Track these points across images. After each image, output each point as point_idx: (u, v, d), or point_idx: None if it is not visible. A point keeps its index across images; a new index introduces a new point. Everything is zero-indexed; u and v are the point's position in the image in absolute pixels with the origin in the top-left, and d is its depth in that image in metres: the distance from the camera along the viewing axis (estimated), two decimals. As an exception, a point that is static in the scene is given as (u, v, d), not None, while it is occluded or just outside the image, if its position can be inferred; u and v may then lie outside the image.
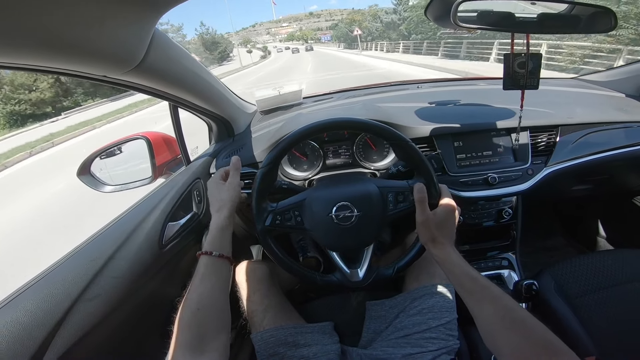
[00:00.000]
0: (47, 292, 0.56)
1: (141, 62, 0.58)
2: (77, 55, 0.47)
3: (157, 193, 0.89)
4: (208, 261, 0.61)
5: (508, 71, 0.72)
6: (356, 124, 0.71)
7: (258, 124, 1.27)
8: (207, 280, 0.59)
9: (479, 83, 1.40)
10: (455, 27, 0.68)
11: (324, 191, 0.74)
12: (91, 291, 0.61)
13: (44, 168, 7.50)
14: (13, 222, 4.49)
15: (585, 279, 0.88)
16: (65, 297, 0.57)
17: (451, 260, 0.61)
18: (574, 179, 1.10)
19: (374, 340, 0.77)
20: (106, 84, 0.61)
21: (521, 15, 0.65)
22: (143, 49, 0.57)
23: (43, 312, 0.54)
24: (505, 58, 0.72)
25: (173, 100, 0.86)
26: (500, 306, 0.52)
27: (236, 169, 0.74)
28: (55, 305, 0.56)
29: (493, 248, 1.12)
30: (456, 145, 1.00)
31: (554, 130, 0.99)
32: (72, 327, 0.56)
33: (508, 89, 0.75)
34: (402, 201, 0.71)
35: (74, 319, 0.57)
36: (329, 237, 0.71)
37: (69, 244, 0.70)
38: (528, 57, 0.69)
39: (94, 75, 0.55)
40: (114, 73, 0.57)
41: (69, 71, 0.50)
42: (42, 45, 0.41)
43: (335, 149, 1.07)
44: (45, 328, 0.53)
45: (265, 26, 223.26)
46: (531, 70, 0.71)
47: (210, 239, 0.64)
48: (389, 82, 1.64)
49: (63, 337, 0.55)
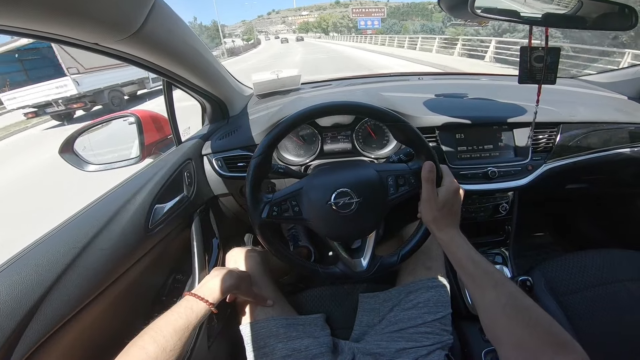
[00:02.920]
0: (18, 279, 0.52)
1: (138, 31, 0.53)
2: (70, 18, 0.42)
3: (144, 173, 0.84)
4: (198, 305, 0.62)
5: (525, 65, 0.70)
6: (354, 107, 0.67)
7: (254, 107, 1.23)
8: (184, 322, 0.59)
9: (482, 78, 1.39)
10: (471, 18, 0.65)
11: (322, 178, 0.71)
12: (68, 278, 0.57)
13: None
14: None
15: (574, 277, 0.89)
16: (38, 284, 0.53)
17: (454, 242, 0.59)
18: (571, 177, 1.11)
19: (367, 333, 0.76)
20: (98, 53, 0.56)
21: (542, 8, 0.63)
22: (142, 16, 0.52)
23: (13, 301, 0.49)
24: (522, 51, 0.70)
25: (168, 76, 0.81)
26: (504, 293, 0.49)
27: (248, 284, 0.76)
28: (27, 293, 0.51)
29: (487, 243, 1.12)
30: (458, 137, 0.99)
31: (556, 128, 0.99)
32: (46, 317, 0.52)
33: (524, 82, 0.73)
34: (403, 184, 0.68)
35: (48, 308, 0.53)
36: (329, 226, 0.67)
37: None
38: (547, 51, 0.67)
39: (84, 43, 0.50)
40: (106, 41, 0.52)
41: (59, 37, 0.46)
42: (32, 5, 0.36)
43: (335, 135, 1.04)
44: (16, 318, 0.48)
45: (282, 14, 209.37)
46: (549, 64, 0.68)
47: (210, 288, 0.67)
48: (389, 73, 1.61)
49: (36, 328, 0.51)
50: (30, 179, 4.99)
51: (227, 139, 1.03)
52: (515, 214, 1.08)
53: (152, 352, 0.52)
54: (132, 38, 0.54)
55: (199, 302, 0.62)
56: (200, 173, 1.02)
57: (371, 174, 0.68)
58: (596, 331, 0.79)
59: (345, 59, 16.59)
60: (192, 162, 0.97)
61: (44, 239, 0.61)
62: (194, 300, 0.62)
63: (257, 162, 0.65)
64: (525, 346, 0.44)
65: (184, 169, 0.92)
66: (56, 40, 0.47)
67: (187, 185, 0.93)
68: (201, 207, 1.02)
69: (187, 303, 0.61)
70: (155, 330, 0.55)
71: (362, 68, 11.78)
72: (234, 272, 0.72)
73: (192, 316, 0.60)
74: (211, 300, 0.63)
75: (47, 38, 0.45)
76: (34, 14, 0.38)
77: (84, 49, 0.53)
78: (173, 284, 0.92)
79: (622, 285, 0.86)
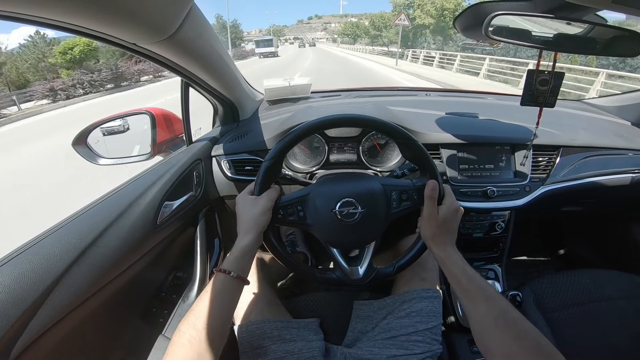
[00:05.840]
0: (28, 268, 0.52)
1: (174, 34, 0.56)
2: (115, 17, 0.44)
3: (156, 170, 0.86)
4: (225, 280, 0.58)
5: (529, 87, 0.72)
6: (368, 121, 0.70)
7: (264, 112, 1.25)
8: (220, 300, 0.57)
9: (488, 97, 1.41)
10: (484, 39, 0.68)
11: (329, 187, 0.73)
12: (76, 269, 0.57)
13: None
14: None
15: (562, 294, 0.91)
16: (47, 273, 0.53)
17: (451, 258, 0.61)
18: (567, 200, 1.13)
19: (359, 339, 0.77)
20: (133, 53, 0.59)
21: (554, 33, 0.65)
22: (179, 19, 0.55)
23: (21, 290, 0.49)
24: (529, 74, 0.72)
25: (189, 78, 0.84)
26: (494, 306, 0.53)
27: (271, 198, 0.68)
28: (36, 283, 0.51)
29: (480, 259, 1.14)
30: (461, 155, 1.01)
31: (556, 151, 1.02)
32: (52, 307, 0.53)
33: (526, 104, 0.75)
34: (406, 200, 0.70)
35: (56, 298, 0.53)
36: (331, 233, 0.69)
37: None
38: (552, 76, 0.70)
39: (124, 42, 0.53)
40: (144, 42, 0.55)
41: (101, 34, 0.48)
42: (82, 3, 0.38)
43: (341, 145, 1.06)
44: (22, 306, 0.49)
45: (325, 20, 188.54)
46: (552, 88, 0.71)
47: (232, 259, 0.61)
48: (397, 87, 1.64)
49: (41, 317, 0.51)
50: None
51: (237, 142, 1.05)
52: (510, 232, 1.10)
53: (189, 336, 0.51)
54: (167, 40, 0.56)
55: (225, 276, 0.59)
56: (208, 174, 1.04)
57: (376, 187, 0.71)
58: (582, 346, 0.81)
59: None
60: (201, 162, 0.99)
61: (56, 228, 0.61)
62: (220, 276, 0.59)
63: (268, 165, 0.67)
64: (514, 357, 0.47)
65: (194, 168, 0.95)
66: (97, 38, 0.49)
67: (196, 185, 0.95)
68: (206, 207, 1.04)
69: (216, 280, 0.59)
70: (193, 314, 0.54)
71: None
72: (251, 229, 0.64)
73: (224, 291, 0.58)
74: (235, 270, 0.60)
75: (89, 35, 0.47)
76: (81, 11, 0.40)
77: (121, 48, 0.55)
78: (173, 280, 0.93)
79: (610, 303, 0.88)
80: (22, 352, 0.48)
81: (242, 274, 0.60)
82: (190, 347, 0.51)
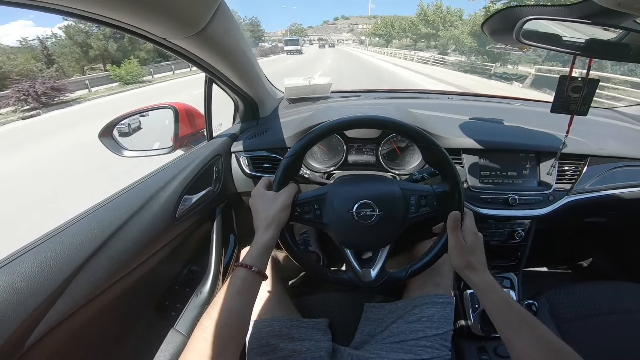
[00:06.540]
0: (50, 256, 0.52)
1: (202, 30, 0.56)
2: (145, 11, 0.45)
3: (177, 164, 0.88)
4: (246, 275, 0.59)
5: (561, 94, 0.70)
6: (392, 124, 0.69)
7: (284, 110, 1.26)
8: (241, 295, 0.57)
9: (514, 103, 1.37)
10: (513, 43, 0.66)
11: (347, 187, 0.73)
12: (97, 260, 0.57)
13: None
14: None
15: (578, 305, 0.90)
16: (68, 263, 0.53)
17: (491, 285, 0.61)
18: (591, 211, 1.10)
19: (367, 342, 0.77)
20: (162, 48, 0.59)
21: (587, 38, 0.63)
22: (209, 15, 0.55)
23: (43, 278, 0.50)
24: (561, 80, 0.69)
25: (214, 74, 0.85)
26: (538, 336, 0.52)
27: (290, 195, 0.68)
28: (57, 272, 0.52)
29: (495, 266, 1.12)
30: (483, 161, 0.99)
31: (583, 160, 0.98)
32: (70, 298, 0.53)
33: (556, 112, 0.72)
34: (425, 205, 0.70)
35: (74, 289, 0.53)
36: (346, 233, 0.69)
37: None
38: (585, 83, 0.67)
39: (154, 37, 0.54)
40: (174, 37, 0.56)
41: (131, 27, 0.49)
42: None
43: (360, 146, 1.05)
44: (42, 296, 0.49)
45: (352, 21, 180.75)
46: (585, 96, 0.68)
47: (253, 254, 0.61)
48: (417, 89, 1.62)
49: (58, 308, 0.51)
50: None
51: (256, 139, 1.06)
52: (530, 241, 1.08)
53: (211, 330, 0.52)
54: (196, 36, 0.57)
55: (246, 271, 0.59)
56: (227, 169, 1.05)
57: (395, 191, 0.70)
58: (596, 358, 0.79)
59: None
60: (221, 157, 1.00)
61: (79, 218, 0.62)
62: (242, 270, 0.59)
63: (288, 161, 0.68)
64: None
65: (214, 163, 0.96)
66: (128, 31, 0.50)
67: (215, 180, 0.96)
68: (224, 203, 1.05)
69: (237, 275, 0.59)
70: (215, 309, 0.55)
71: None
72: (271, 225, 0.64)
73: (242, 286, 0.58)
74: (256, 265, 0.60)
75: (121, 28, 0.48)
76: (116, 4, 0.41)
77: (151, 42, 0.56)
78: (187, 274, 0.94)
79: (628, 315, 0.86)
80: (37, 342, 0.49)
81: (262, 269, 0.61)
82: (212, 341, 0.51)
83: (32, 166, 5.48)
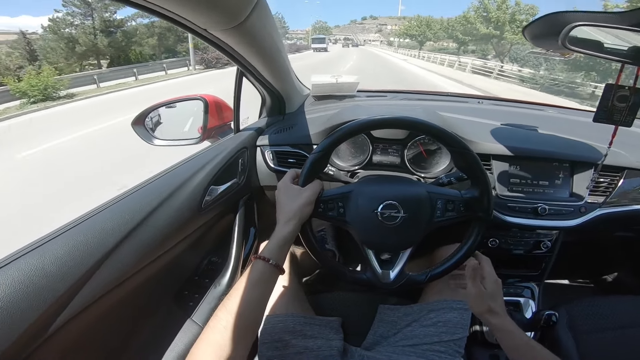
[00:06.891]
0: (82, 240, 0.52)
1: (242, 22, 0.57)
2: (191, 1, 0.46)
3: (204, 154, 0.89)
4: (264, 268, 0.59)
5: (605, 103, 0.66)
6: (424, 126, 0.68)
7: (310, 107, 1.26)
8: (257, 288, 0.57)
9: (548, 110, 1.32)
10: (556, 49, 0.63)
11: (373, 187, 0.72)
12: (125, 246, 0.57)
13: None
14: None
15: (597, 318, 0.88)
16: (98, 248, 0.53)
17: (510, 329, 0.62)
18: (623, 224, 1.07)
19: (379, 344, 0.77)
20: (202, 39, 0.61)
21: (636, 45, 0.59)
22: (249, 7, 0.55)
23: (72, 262, 0.49)
24: (607, 89, 0.66)
25: (246, 68, 0.85)
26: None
27: (315, 191, 0.68)
28: (86, 257, 0.51)
29: (516, 275, 1.10)
30: (513, 168, 0.96)
31: (620, 173, 0.94)
32: (97, 283, 0.52)
33: (599, 121, 0.69)
34: (452, 210, 0.68)
35: (102, 274, 0.53)
36: (369, 233, 0.69)
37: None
38: (633, 93, 0.63)
39: (195, 27, 0.54)
40: (215, 28, 0.56)
41: (176, 16, 0.49)
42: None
43: (385, 147, 1.04)
44: (70, 281, 0.48)
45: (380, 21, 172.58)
46: (631, 106, 0.65)
47: (272, 247, 0.61)
48: (446, 92, 1.58)
49: (85, 293, 0.51)
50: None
51: (282, 134, 1.06)
52: (556, 252, 1.05)
53: (226, 322, 0.52)
54: (235, 29, 0.58)
55: (264, 264, 0.59)
56: (252, 162, 1.06)
57: (422, 193, 0.69)
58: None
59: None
60: (247, 150, 1.01)
61: (111, 203, 0.62)
62: (259, 263, 0.59)
63: (315, 158, 0.68)
64: None
65: (240, 156, 0.97)
66: (171, 20, 0.51)
67: (240, 172, 0.97)
68: (247, 196, 1.07)
69: (254, 267, 0.59)
70: (230, 301, 0.55)
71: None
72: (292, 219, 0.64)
73: (259, 279, 0.58)
74: (274, 259, 0.60)
75: (164, 16, 0.49)
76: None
77: (192, 32, 0.57)
78: (208, 265, 0.95)
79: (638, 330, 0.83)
80: (61, 327, 0.48)
81: (279, 263, 0.61)
82: (226, 333, 0.51)
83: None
